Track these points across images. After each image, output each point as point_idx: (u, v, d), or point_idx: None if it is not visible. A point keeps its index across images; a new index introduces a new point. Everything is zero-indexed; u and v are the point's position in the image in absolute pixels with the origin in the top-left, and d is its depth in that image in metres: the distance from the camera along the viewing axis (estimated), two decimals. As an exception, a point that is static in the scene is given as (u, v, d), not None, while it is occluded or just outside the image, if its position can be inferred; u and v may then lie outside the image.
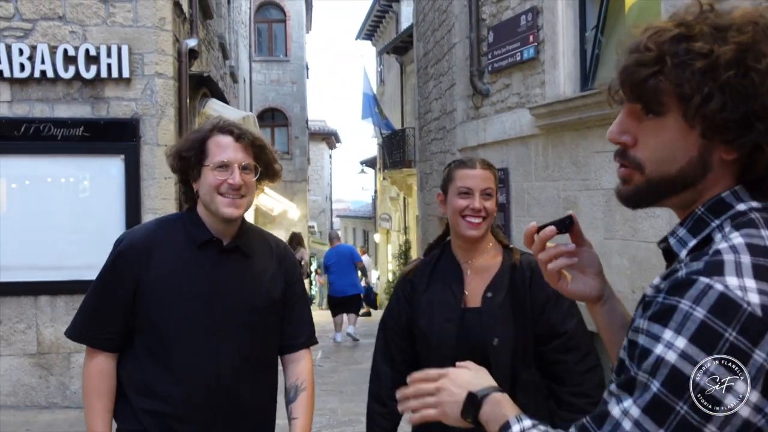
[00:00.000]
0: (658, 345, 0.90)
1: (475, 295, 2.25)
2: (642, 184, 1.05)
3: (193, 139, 2.05)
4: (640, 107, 1.02)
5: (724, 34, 0.96)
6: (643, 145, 1.04)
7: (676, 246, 1.04)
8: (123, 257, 2.04)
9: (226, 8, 12.26)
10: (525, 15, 6.36)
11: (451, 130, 8.72)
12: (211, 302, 2.02)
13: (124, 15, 6.11)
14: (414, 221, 17.82)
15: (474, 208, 2.21)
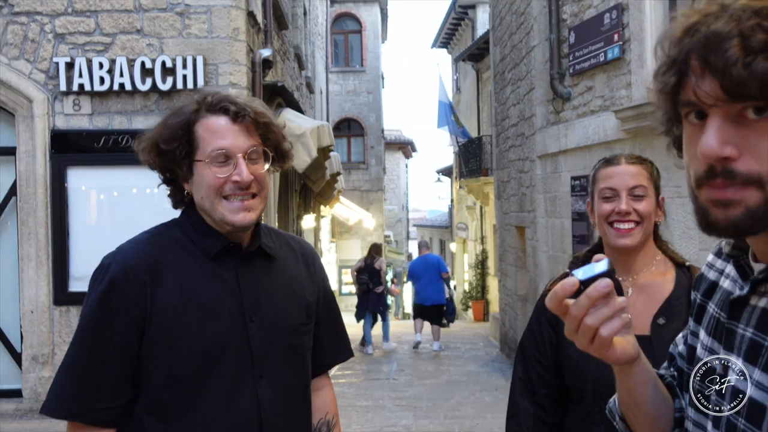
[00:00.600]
0: None
1: (641, 320, 1.82)
2: (759, 204, 0.83)
3: (173, 125, 1.53)
4: (745, 107, 0.82)
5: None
6: (758, 153, 0.82)
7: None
8: (117, 288, 1.49)
9: (302, 19, 12.34)
10: (609, 13, 6.02)
11: (530, 137, 8.41)
12: (246, 328, 1.55)
13: (199, 26, 6.15)
14: (491, 230, 17.46)
15: (620, 211, 1.83)
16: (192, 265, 1.55)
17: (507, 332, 10.77)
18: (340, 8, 23.39)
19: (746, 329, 0.93)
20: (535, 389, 1.97)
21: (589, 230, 6.51)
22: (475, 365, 10.18)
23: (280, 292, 1.63)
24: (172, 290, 1.51)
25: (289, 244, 1.74)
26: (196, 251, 1.56)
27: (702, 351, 1.04)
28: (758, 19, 0.80)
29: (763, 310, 0.91)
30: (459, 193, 23.03)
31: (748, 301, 0.94)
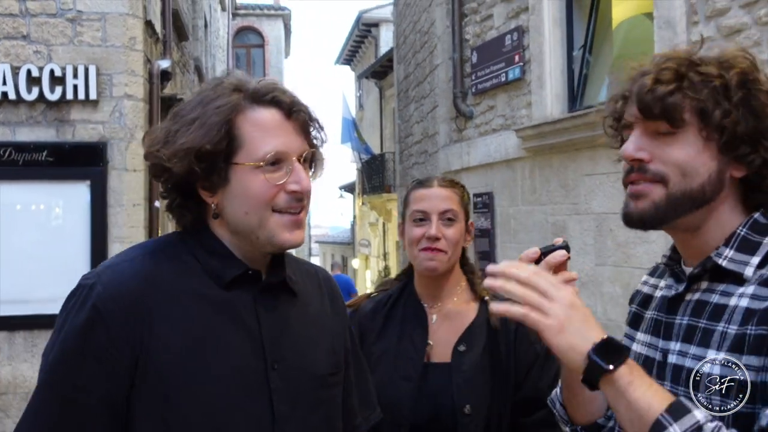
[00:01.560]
0: None
1: (442, 347, 1.81)
2: (662, 199, 1.10)
3: (212, 122, 1.20)
4: (658, 124, 1.10)
5: (725, 63, 1.10)
6: (665, 159, 1.10)
7: (733, 265, 1.09)
8: (102, 320, 1.14)
9: (203, 31, 12.04)
10: (510, 34, 6.20)
11: (434, 154, 8.52)
12: (268, 378, 1.23)
13: (92, 34, 5.83)
14: (394, 247, 17.59)
15: (430, 236, 1.79)
16: (202, 294, 1.22)
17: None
18: (243, 22, 23.09)
19: (683, 318, 1.14)
20: None
21: (491, 246, 6.63)
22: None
23: (304, 334, 1.32)
24: (175, 327, 1.17)
25: (310, 274, 1.44)
26: (205, 278, 1.23)
27: (641, 347, 1.22)
28: (669, 63, 1.11)
29: (696, 301, 1.13)
30: (362, 210, 23.11)
31: (683, 297, 1.15)
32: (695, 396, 1.04)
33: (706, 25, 4.14)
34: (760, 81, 1.10)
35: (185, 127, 1.21)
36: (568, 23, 5.73)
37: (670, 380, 1.11)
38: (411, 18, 10.08)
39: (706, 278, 1.13)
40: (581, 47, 5.68)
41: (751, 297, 1.04)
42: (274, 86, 1.27)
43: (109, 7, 5.85)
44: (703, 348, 1.07)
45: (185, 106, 1.26)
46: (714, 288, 1.11)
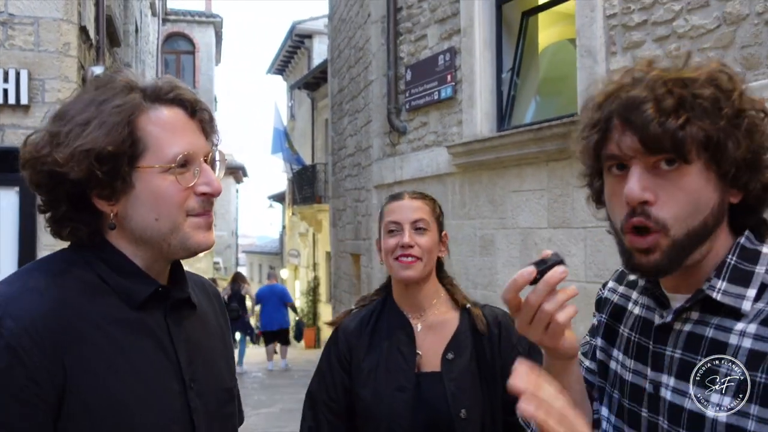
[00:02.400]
0: None
1: (430, 356, 1.86)
2: (669, 247, 1.00)
3: (113, 122, 1.10)
4: (660, 158, 0.99)
5: (713, 81, 1.00)
6: (668, 200, 0.99)
7: (728, 299, 1.01)
8: (20, 360, 1.02)
9: (133, 37, 11.86)
10: (443, 55, 6.45)
11: (367, 167, 8.69)
12: (187, 398, 1.19)
13: (25, 38, 5.73)
14: (324, 258, 17.64)
15: (404, 245, 1.85)
16: (114, 317, 1.13)
17: (341, 358, 10.91)
18: (173, 27, 22.73)
19: (674, 351, 1.06)
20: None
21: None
22: (309, 392, 10.21)
23: (209, 348, 1.30)
24: (94, 355, 1.09)
25: (199, 285, 1.39)
26: (114, 298, 1.15)
27: (623, 371, 1.15)
28: (668, 87, 0.98)
29: (689, 333, 1.04)
30: (292, 220, 23.04)
31: (671, 327, 1.07)
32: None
33: (623, 56, 4.48)
34: (751, 98, 1.03)
35: (79, 128, 1.10)
36: (497, 46, 6.01)
37: (668, 418, 1.05)
38: (346, 33, 10.25)
39: (696, 308, 1.06)
40: (509, 70, 5.98)
41: (754, 338, 0.97)
42: (175, 84, 1.19)
43: (42, 11, 5.77)
44: (701, 389, 1.01)
45: (71, 107, 1.14)
46: (707, 320, 1.04)
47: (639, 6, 4.35)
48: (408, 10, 7.25)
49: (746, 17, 3.68)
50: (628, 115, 0.99)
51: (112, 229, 1.16)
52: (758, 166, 1.01)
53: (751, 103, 1.02)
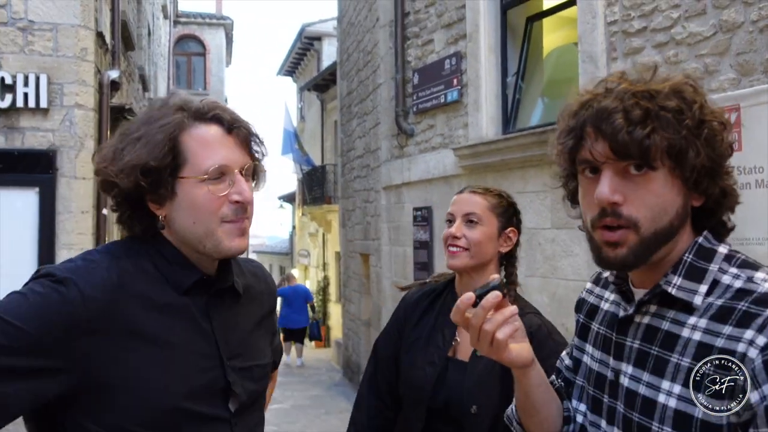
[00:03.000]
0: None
1: (466, 346, 1.93)
2: (636, 243, 1.09)
3: (157, 140, 1.27)
4: (630, 164, 1.07)
5: (679, 93, 1.08)
6: (637, 201, 1.08)
7: (682, 294, 1.09)
8: (72, 309, 1.18)
9: (146, 40, 12.06)
10: (449, 59, 6.59)
11: (376, 168, 8.83)
12: (225, 373, 1.35)
13: (44, 44, 5.92)
14: (333, 258, 17.79)
15: (450, 234, 1.95)
16: (162, 299, 1.29)
17: (350, 357, 11.06)
18: (184, 30, 22.96)
19: (633, 342, 1.16)
20: (379, 385, 2.14)
21: (430, 257, 6.98)
22: (318, 389, 10.37)
23: (249, 331, 1.45)
24: (136, 329, 1.24)
25: (252, 273, 1.54)
26: (165, 284, 1.31)
27: (592, 362, 1.26)
28: (636, 99, 1.06)
29: (647, 326, 1.14)
30: (302, 220, 23.20)
31: (632, 319, 1.17)
32: (649, 423, 1.08)
33: (623, 62, 4.61)
34: (711, 110, 1.10)
35: (131, 145, 1.28)
36: (502, 51, 6.15)
37: (624, 403, 1.14)
38: (355, 37, 10.40)
39: (654, 302, 1.14)
40: (515, 74, 6.11)
41: (704, 331, 1.05)
42: (215, 104, 1.35)
43: (61, 18, 5.95)
44: (656, 377, 1.09)
45: (131, 126, 1.33)
46: (664, 314, 1.12)
47: (639, 13, 4.48)
48: (415, 15, 7.39)
49: (741, 25, 3.80)
50: (599, 124, 1.07)
51: (161, 228, 1.34)
52: (717, 173, 1.09)
53: (711, 113, 1.09)
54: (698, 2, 4.06)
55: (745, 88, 3.70)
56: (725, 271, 1.09)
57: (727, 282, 1.08)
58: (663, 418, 1.07)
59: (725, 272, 1.09)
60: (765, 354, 0.97)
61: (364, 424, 2.13)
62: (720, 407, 1.00)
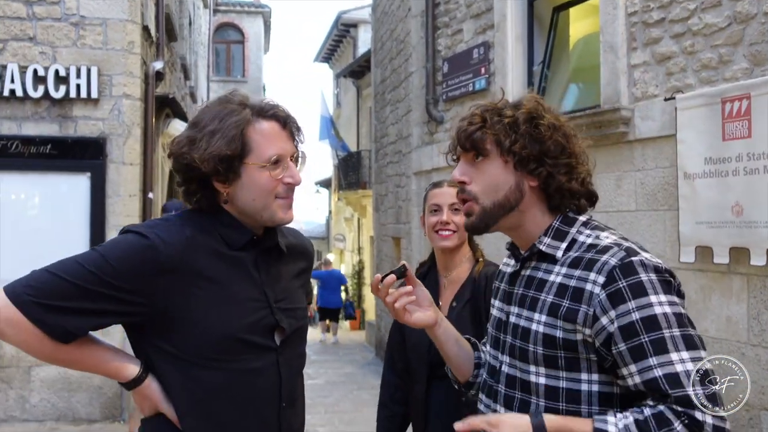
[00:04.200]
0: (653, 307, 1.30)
1: (446, 304, 2.41)
2: (480, 212, 1.48)
3: (231, 134, 1.56)
4: (473, 154, 1.48)
5: (518, 106, 1.49)
6: (477, 181, 1.48)
7: (549, 249, 1.46)
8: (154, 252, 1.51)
9: (187, 30, 12.46)
10: (477, 48, 6.80)
11: (407, 154, 9.09)
12: (272, 312, 1.66)
13: (94, 38, 6.31)
14: (368, 242, 18.11)
15: (442, 221, 2.39)
16: (221, 253, 1.61)
17: (383, 337, 11.39)
18: (223, 18, 23.41)
19: (518, 289, 1.53)
20: (395, 364, 2.58)
21: (458, 241, 7.24)
22: (352, 368, 10.73)
23: (291, 281, 1.78)
24: (203, 275, 1.56)
25: (294, 237, 1.88)
26: (222, 242, 1.62)
27: (496, 312, 1.63)
28: (478, 111, 1.48)
29: (527, 276, 1.51)
30: (337, 205, 23.55)
31: (519, 273, 1.54)
32: (527, 346, 1.43)
33: (643, 51, 4.78)
34: (543, 117, 1.44)
35: (208, 136, 1.57)
36: (529, 40, 6.34)
37: (511, 335, 1.49)
38: (388, 26, 10.63)
39: (534, 259, 1.49)
40: (540, 63, 6.29)
41: (563, 275, 1.40)
42: (274, 104, 1.67)
43: (109, 13, 6.33)
44: (531, 311, 1.44)
45: (203, 118, 1.61)
46: (539, 266, 1.47)
47: (658, 4, 4.64)
48: (445, 6, 7.60)
49: (755, 16, 3.96)
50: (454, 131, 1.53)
51: (225, 203, 1.66)
52: (542, 160, 1.43)
53: (542, 120, 1.44)
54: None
55: (757, 77, 3.86)
56: (581, 232, 1.46)
57: (581, 239, 1.44)
58: (536, 341, 1.42)
59: (581, 233, 1.45)
60: (606, 289, 1.32)
61: (387, 399, 2.60)
62: (573, 328, 1.36)
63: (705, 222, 4.03)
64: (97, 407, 6.36)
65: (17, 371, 6.26)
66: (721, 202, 3.92)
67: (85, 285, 1.47)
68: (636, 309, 1.29)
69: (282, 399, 1.68)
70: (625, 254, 1.34)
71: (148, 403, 1.61)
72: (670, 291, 1.33)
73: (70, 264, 1.51)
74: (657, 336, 1.28)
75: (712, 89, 4.09)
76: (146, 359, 1.60)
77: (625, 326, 1.29)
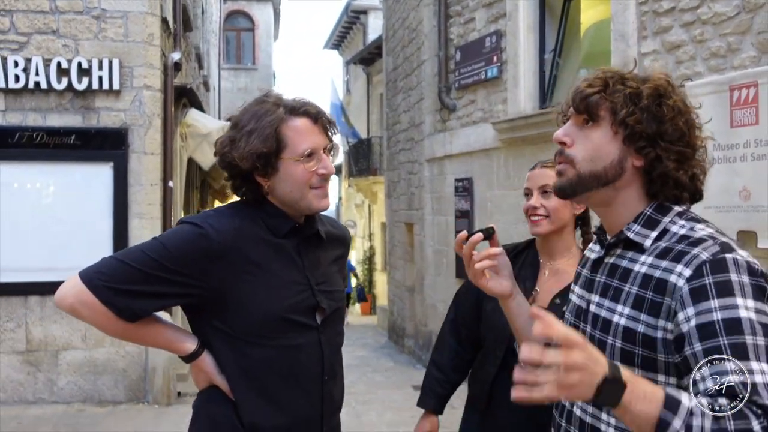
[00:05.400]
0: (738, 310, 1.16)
1: (545, 296, 2.19)
2: (574, 177, 1.37)
3: (267, 133, 1.70)
4: (583, 117, 1.36)
5: (646, 79, 1.37)
6: (580, 146, 1.37)
7: (638, 237, 1.34)
8: (207, 242, 1.67)
9: (200, 19, 12.58)
10: (490, 37, 6.90)
11: (419, 141, 9.22)
12: (314, 294, 1.80)
13: (115, 30, 6.46)
14: (379, 228, 18.27)
15: (530, 206, 2.21)
16: (268, 240, 1.76)
17: (395, 321, 11.58)
18: (233, 5, 23.47)
19: (601, 277, 1.41)
20: (459, 330, 2.43)
21: (470, 226, 7.38)
22: (365, 351, 10.93)
23: (329, 265, 1.91)
24: (252, 260, 1.72)
25: (332, 225, 2.01)
26: (267, 230, 1.77)
27: (576, 298, 1.51)
28: (602, 75, 1.35)
29: (611, 264, 1.40)
30: (348, 192, 23.69)
31: (603, 260, 1.43)
32: (606, 338, 1.33)
33: (653, 40, 4.88)
34: (670, 96, 1.32)
35: (245, 137, 1.70)
36: (540, 29, 6.44)
37: (591, 324, 1.39)
38: (400, 14, 10.71)
39: (620, 246, 1.38)
40: (552, 51, 6.40)
41: (649, 266, 1.29)
42: (306, 101, 1.79)
43: (130, 6, 6.48)
44: (613, 303, 1.34)
45: (241, 119, 1.75)
46: (624, 255, 1.36)
47: (668, -6, 4.74)
48: (458, -6, 7.70)
49: (763, 5, 4.05)
50: (571, 90, 1.42)
51: (266, 195, 1.80)
52: (656, 141, 1.32)
53: (666, 97, 1.33)
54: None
55: (764, 66, 3.96)
56: (675, 222, 1.34)
57: (674, 230, 1.33)
58: (616, 333, 1.32)
59: (675, 223, 1.34)
60: (690, 283, 1.21)
61: (445, 363, 2.44)
62: (655, 324, 1.26)
63: (714, 206, 4.15)
64: (122, 390, 6.58)
65: (45, 355, 6.48)
66: (729, 187, 4.05)
67: (149, 270, 1.64)
68: (719, 308, 1.17)
69: (324, 372, 1.82)
70: (719, 249, 1.24)
71: (204, 376, 1.77)
72: (761, 298, 1.20)
73: (135, 252, 1.68)
74: (738, 341, 1.14)
75: (720, 77, 4.19)
76: (202, 337, 1.76)
77: (704, 325, 1.17)
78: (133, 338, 1.79)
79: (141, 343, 1.82)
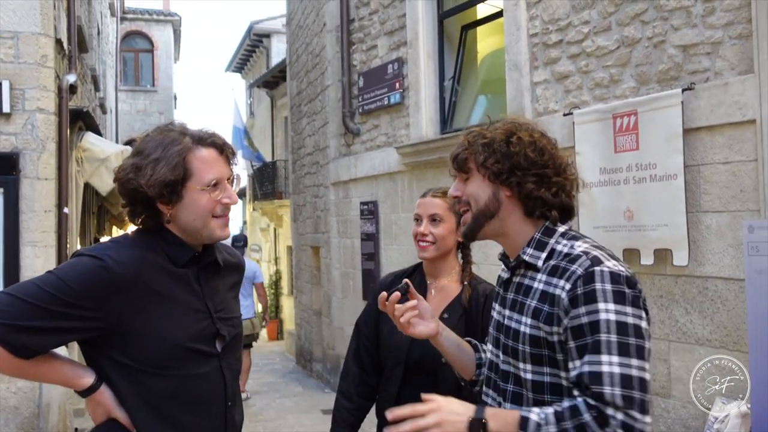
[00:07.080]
0: (599, 313, 1.45)
1: (434, 312, 2.25)
2: (470, 220, 1.70)
3: (175, 162, 1.73)
4: (462, 173, 1.71)
5: (496, 128, 1.71)
6: (467, 193, 1.71)
7: (532, 259, 1.63)
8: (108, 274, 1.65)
9: (96, 40, 12.21)
10: (392, 64, 7.09)
11: (325, 165, 9.29)
12: (214, 321, 1.83)
13: (5, 51, 6.19)
14: (285, 252, 18.12)
15: (420, 233, 2.40)
16: (167, 269, 1.77)
17: (303, 345, 11.50)
18: (131, 26, 22.87)
19: (510, 294, 1.71)
20: (362, 358, 2.56)
21: (376, 248, 7.50)
22: (273, 377, 10.79)
23: (226, 292, 1.96)
24: (152, 290, 1.72)
25: (228, 253, 2.05)
26: (167, 260, 1.79)
27: (495, 314, 1.80)
28: (465, 137, 1.71)
29: (517, 283, 1.69)
30: (253, 215, 23.41)
31: (511, 280, 1.73)
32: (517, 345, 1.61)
33: (544, 70, 5.19)
34: (516, 134, 1.65)
35: (153, 164, 1.73)
36: (440, 57, 6.68)
37: (504, 335, 1.68)
38: (303, 39, 10.80)
39: (522, 267, 1.67)
40: (451, 78, 6.65)
41: (544, 283, 1.58)
42: (212, 133, 1.85)
43: (21, 26, 6.22)
44: (519, 315, 1.62)
45: (146, 146, 1.77)
46: (526, 274, 1.66)
47: (556, 27, 5.06)
48: (360, 22, 7.87)
49: (639, 41, 4.41)
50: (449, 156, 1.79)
51: (168, 222, 1.82)
52: (514, 174, 1.63)
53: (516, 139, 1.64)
54: (604, 19, 4.65)
55: (642, 96, 4.30)
56: (559, 242, 1.63)
57: (559, 249, 1.62)
58: (524, 341, 1.60)
59: (559, 243, 1.63)
60: (569, 294, 1.50)
61: (352, 392, 2.55)
62: (550, 330, 1.55)
63: (601, 226, 4.44)
64: (14, 428, 6.20)
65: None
66: (614, 208, 4.35)
67: (46, 306, 1.60)
68: (585, 314, 1.46)
69: (227, 399, 1.86)
70: (590, 264, 1.51)
71: (101, 410, 1.75)
72: (622, 301, 1.46)
73: (30, 286, 1.63)
74: (595, 339, 1.43)
75: (604, 106, 4.51)
76: (99, 370, 1.73)
77: (576, 327, 1.47)
78: (27, 376, 1.73)
79: (36, 380, 1.77)
